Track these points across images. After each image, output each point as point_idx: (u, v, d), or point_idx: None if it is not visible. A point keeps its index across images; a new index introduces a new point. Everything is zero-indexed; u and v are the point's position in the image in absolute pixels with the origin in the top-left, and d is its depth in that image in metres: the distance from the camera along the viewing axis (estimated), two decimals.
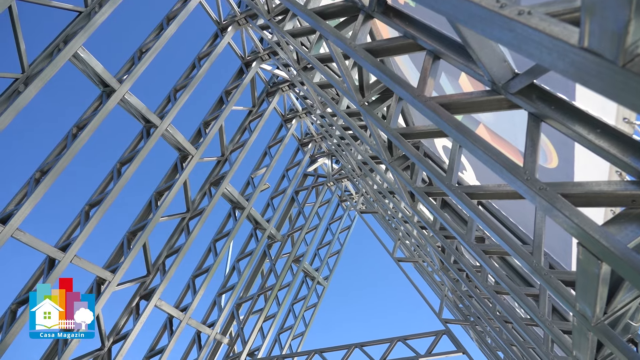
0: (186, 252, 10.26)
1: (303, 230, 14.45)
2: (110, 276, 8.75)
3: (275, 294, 13.35)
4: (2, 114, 6.93)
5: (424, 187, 5.20)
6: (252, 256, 12.63)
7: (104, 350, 9.14)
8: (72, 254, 7.98)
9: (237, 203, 12.08)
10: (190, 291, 11.07)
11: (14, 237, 7.17)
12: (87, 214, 8.68)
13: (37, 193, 7.41)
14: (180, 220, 10.76)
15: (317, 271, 15.61)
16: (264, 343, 13.22)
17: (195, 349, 11.46)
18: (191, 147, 10.33)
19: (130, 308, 9.73)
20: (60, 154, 7.92)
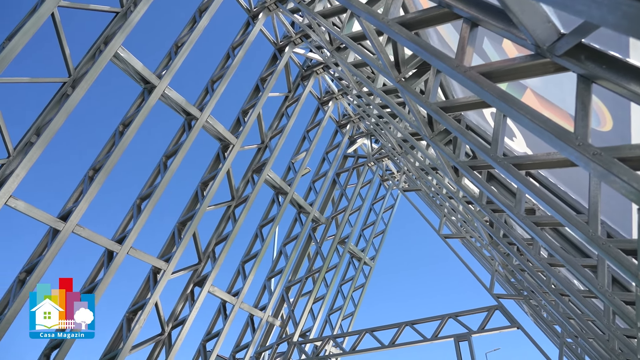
0: (234, 239, 10.54)
1: (346, 212, 14.48)
2: (164, 265, 9.15)
3: (322, 276, 13.52)
4: (54, 117, 7.29)
5: (468, 161, 5.05)
6: (297, 240, 12.81)
7: (164, 335, 9.61)
8: (128, 246, 8.39)
9: (279, 188, 12.24)
10: (241, 276, 11.41)
11: (75, 233, 7.61)
12: (139, 207, 9.06)
13: (91, 190, 7.81)
14: (226, 209, 11.04)
15: (363, 252, 15.66)
16: (314, 324, 13.49)
17: (249, 331, 11.84)
18: (231, 137, 10.51)
19: (186, 295, 10.15)
20: (110, 152, 8.27)
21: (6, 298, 7.34)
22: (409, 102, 4.75)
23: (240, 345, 11.82)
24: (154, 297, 8.92)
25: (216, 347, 10.40)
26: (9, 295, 7.34)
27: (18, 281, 7.43)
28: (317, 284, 13.38)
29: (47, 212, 7.35)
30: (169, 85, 9.05)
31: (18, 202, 6.92)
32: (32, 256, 7.65)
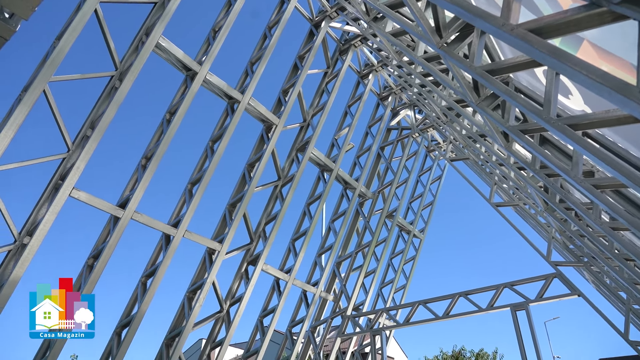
0: (283, 218, 10.74)
1: (393, 185, 14.35)
2: (218, 246, 9.49)
3: (372, 250, 13.57)
4: (105, 110, 7.62)
5: (518, 125, 4.83)
6: (345, 216, 12.88)
7: (223, 312, 10.04)
8: (183, 229, 8.75)
9: (324, 166, 12.27)
10: (292, 254, 11.65)
11: (134, 219, 8.02)
12: (190, 192, 9.39)
13: (145, 177, 8.16)
14: (274, 189, 11.23)
15: (412, 224, 15.52)
16: (367, 298, 13.62)
17: (303, 307, 12.14)
18: (274, 117, 10.60)
19: (240, 273, 10.51)
20: (159, 140, 8.57)
21: (78, 282, 7.90)
22: (452, 68, 4.57)
23: (295, 320, 12.16)
24: (210, 277, 9.30)
25: (273, 322, 10.75)
26: (80, 279, 7.90)
27: (87, 266, 7.97)
28: (367, 258, 13.45)
29: (106, 201, 7.78)
30: (210, 71, 9.20)
31: (80, 193, 7.36)
32: (97, 243, 8.15)
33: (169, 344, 9.11)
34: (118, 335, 8.38)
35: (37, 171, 43.24)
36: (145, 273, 8.81)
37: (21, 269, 6.72)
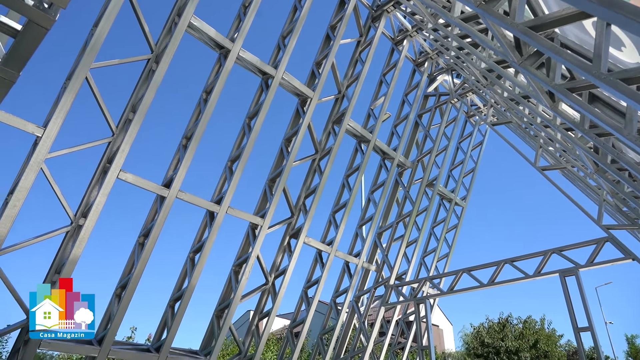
0: (322, 191, 10.80)
1: (432, 154, 14.06)
2: (260, 221, 9.69)
3: (413, 220, 13.47)
4: (145, 93, 7.81)
5: (565, 84, 4.58)
6: (384, 186, 12.79)
7: (268, 284, 10.34)
8: (226, 206, 8.98)
9: (361, 137, 12.16)
10: (333, 226, 11.76)
11: (178, 198, 8.29)
12: (231, 169, 9.58)
13: (187, 157, 8.38)
14: (312, 162, 11.27)
15: (453, 192, 15.24)
16: (409, 267, 13.63)
17: (346, 277, 12.30)
18: (308, 90, 10.53)
19: (283, 247, 10.73)
20: (198, 119, 8.74)
21: (131, 259, 8.33)
22: (492, 27, 4.35)
23: (339, 290, 12.37)
24: (254, 251, 9.56)
25: (317, 293, 10.99)
26: (133, 256, 8.31)
27: (138, 244, 8.36)
28: (409, 228, 13.38)
29: (152, 181, 8.07)
30: (242, 47, 9.20)
31: (127, 175, 7.66)
32: (146, 222, 8.51)
33: (219, 316, 9.52)
34: (172, 307, 8.82)
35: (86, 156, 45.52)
36: (192, 249, 9.16)
37: (79, 248, 7.14)
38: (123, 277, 8.24)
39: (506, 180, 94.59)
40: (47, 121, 6.82)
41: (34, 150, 6.69)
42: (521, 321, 31.15)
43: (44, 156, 6.71)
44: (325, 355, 11.47)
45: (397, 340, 14.67)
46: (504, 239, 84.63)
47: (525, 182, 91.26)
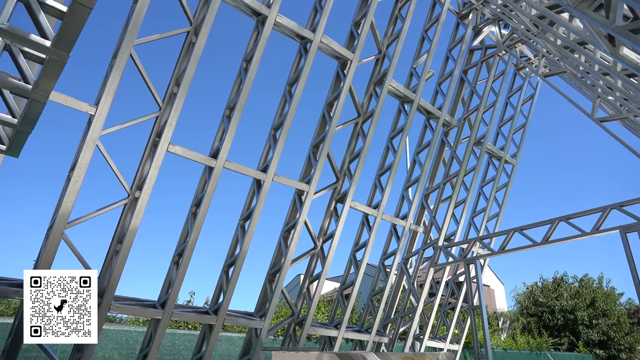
0: (366, 154, 10.72)
1: (479, 110, 13.52)
2: (306, 187, 9.80)
3: (461, 180, 13.16)
4: (187, 66, 7.92)
5: (627, 25, 4.21)
6: (430, 147, 12.50)
7: (317, 249, 10.54)
8: (272, 174, 9.12)
9: (404, 97, 11.85)
10: (378, 189, 11.71)
11: (226, 168, 8.50)
12: (274, 137, 9.65)
13: (231, 127, 8.51)
14: (354, 126, 11.15)
15: (502, 150, 14.69)
16: (458, 228, 13.44)
17: (394, 240, 12.32)
18: (348, 52, 10.30)
19: (330, 211, 10.84)
20: (239, 89, 8.80)
21: (186, 227, 8.70)
22: None
23: (387, 253, 12.43)
24: (302, 217, 9.72)
25: (365, 256, 11.10)
26: (187, 225, 8.68)
27: (191, 214, 8.71)
28: (456, 188, 13.10)
29: (200, 152, 8.29)
30: (279, 13, 9.06)
31: (176, 147, 7.91)
32: (197, 192, 8.82)
33: (271, 280, 9.86)
34: (226, 273, 9.22)
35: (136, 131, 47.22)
36: (242, 217, 9.43)
37: (137, 219, 7.53)
38: (179, 245, 8.65)
39: (559, 135, 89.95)
40: (98, 99, 7.10)
41: (88, 128, 7.02)
42: (577, 280, 30.25)
43: (98, 133, 7.02)
44: (375, 316, 11.69)
45: (447, 300, 14.69)
46: (558, 197, 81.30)
47: (580, 136, 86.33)
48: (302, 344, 10.11)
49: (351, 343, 12.57)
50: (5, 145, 5.25)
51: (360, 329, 11.79)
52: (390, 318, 12.60)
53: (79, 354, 7.37)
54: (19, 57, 4.18)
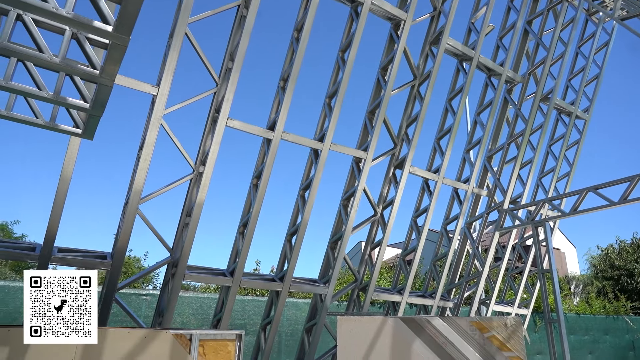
0: (424, 118, 10.41)
1: (546, 63, 12.58)
2: (364, 154, 9.73)
3: (527, 139, 12.47)
4: (239, 40, 7.99)
5: None
6: (492, 106, 11.89)
7: (377, 215, 10.54)
8: (328, 142, 9.13)
9: (462, 55, 11.28)
10: (438, 153, 11.39)
11: (283, 139, 8.61)
12: (329, 105, 9.60)
13: (286, 98, 8.55)
14: (411, 89, 10.81)
15: (572, 105, 13.69)
16: (524, 190, 12.85)
17: (456, 204, 12.03)
18: (401, 12, 9.89)
19: (389, 178, 10.73)
20: (292, 59, 8.77)
21: (248, 199, 8.99)
22: None
23: (449, 217, 12.18)
24: (361, 184, 9.71)
25: (426, 222, 10.96)
26: (250, 197, 8.96)
27: (253, 186, 8.97)
28: (522, 148, 12.45)
29: (257, 125, 8.45)
30: None
31: (234, 121, 8.10)
32: (257, 164, 9.04)
33: (333, 247, 10.03)
34: (289, 242, 9.49)
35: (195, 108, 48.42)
36: (301, 187, 9.58)
37: (203, 193, 7.88)
38: (243, 216, 8.98)
39: (637, 85, 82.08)
40: (159, 80, 7.37)
41: (152, 108, 7.34)
42: None
43: (162, 113, 7.33)
44: (439, 281, 11.61)
45: (514, 265, 14.26)
46: (636, 153, 74.97)
47: None
48: (366, 309, 10.29)
49: (415, 308, 12.62)
50: (80, 129, 5.63)
51: (424, 294, 11.78)
52: (455, 283, 12.46)
53: (160, 318, 7.98)
54: (86, 45, 4.40)
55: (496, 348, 7.22)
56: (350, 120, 45.03)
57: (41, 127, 5.55)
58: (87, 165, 44.11)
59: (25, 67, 4.71)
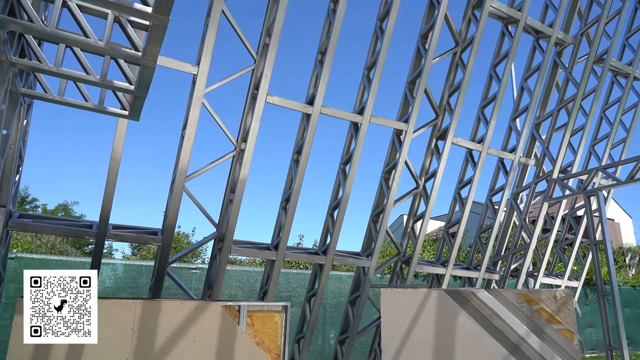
0: (467, 86, 10.04)
1: (601, 22, 11.72)
2: (404, 126, 9.55)
3: (578, 104, 11.79)
4: (275, 16, 7.92)
5: None
6: (540, 70, 11.27)
7: (419, 188, 10.40)
8: (368, 115, 9.01)
9: (508, 17, 10.70)
10: (482, 122, 11.00)
11: (322, 113, 8.58)
12: (368, 77, 9.44)
13: (324, 72, 8.46)
14: (452, 56, 10.42)
15: (630, 65, 12.76)
16: (575, 158, 12.23)
17: (502, 175, 11.66)
18: None
19: (431, 149, 10.51)
20: (329, 32, 8.63)
21: (289, 175, 9.09)
22: None
23: (494, 189, 11.85)
24: (402, 157, 9.57)
25: (470, 193, 10.71)
26: (291, 173, 9.05)
27: (294, 161, 9.04)
28: (573, 114, 11.79)
29: (296, 100, 8.45)
30: None
31: (274, 97, 8.13)
32: (297, 140, 9.08)
33: (375, 220, 10.02)
34: (331, 216, 9.56)
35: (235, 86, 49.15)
36: (342, 161, 9.56)
37: (245, 169, 8.03)
38: (285, 191, 9.11)
39: None
40: (198, 59, 7.47)
41: (193, 87, 7.47)
42: None
43: (203, 92, 7.45)
44: (484, 253, 11.40)
45: (564, 236, 13.76)
46: None
47: None
48: (409, 282, 10.30)
49: (459, 281, 12.50)
50: (127, 111, 5.83)
51: (469, 267, 11.63)
52: (501, 255, 12.20)
53: (210, 290, 8.33)
54: (127, 27, 4.51)
55: (545, 320, 7.06)
56: (390, 92, 44.13)
57: (91, 110, 5.79)
58: (135, 146, 45.85)
59: (73, 52, 4.90)
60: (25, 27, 4.25)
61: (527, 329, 7.03)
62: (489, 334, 7.05)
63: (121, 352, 5.85)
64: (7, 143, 5.68)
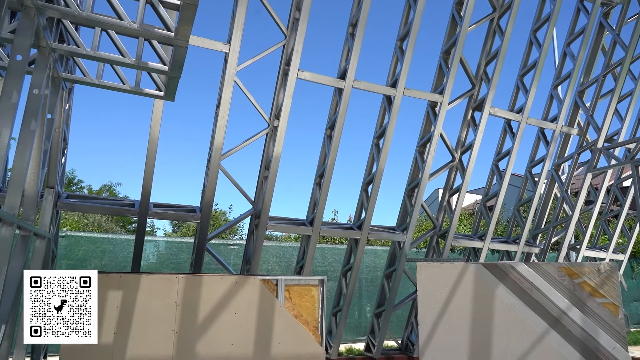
0: (505, 54, 9.62)
1: None
2: (439, 98, 9.31)
3: (626, 68, 11.10)
4: None
5: None
6: (585, 34, 10.64)
7: (455, 161, 10.18)
8: (401, 88, 8.82)
9: None
10: (521, 91, 10.57)
11: (355, 87, 8.46)
12: (401, 48, 9.20)
13: (356, 45, 8.30)
14: (489, 23, 9.99)
15: None
16: (622, 126, 11.61)
17: (542, 145, 11.24)
18: None
19: (467, 121, 10.22)
20: (360, 4, 8.42)
21: (323, 150, 9.09)
22: None
23: (534, 160, 11.47)
24: (437, 129, 9.37)
25: (509, 165, 10.40)
26: (324, 148, 9.04)
27: (327, 137, 9.02)
28: (621, 79, 11.13)
29: (328, 75, 8.36)
30: None
31: (305, 73, 8.07)
32: (330, 115, 9.02)
33: (410, 195, 9.93)
34: (365, 191, 9.53)
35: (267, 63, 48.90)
36: (376, 135, 9.46)
37: (279, 146, 8.07)
38: (319, 167, 9.13)
39: None
40: (229, 37, 7.47)
41: (225, 66, 7.51)
42: None
43: (235, 69, 7.48)
44: (523, 226, 11.13)
45: (609, 208, 13.22)
46: None
47: None
48: (445, 256, 10.22)
49: (497, 254, 12.29)
50: (162, 92, 5.93)
51: (507, 240, 11.40)
52: (541, 228, 11.88)
53: (248, 265, 8.55)
54: (159, 7, 4.54)
55: (587, 294, 6.87)
56: (424, 64, 42.94)
57: (128, 92, 5.93)
58: (171, 126, 46.79)
59: (108, 35, 5.00)
60: (63, 13, 4.35)
61: (569, 302, 6.86)
62: (529, 307, 6.93)
63: (168, 323, 6.14)
64: (52, 127, 5.92)
